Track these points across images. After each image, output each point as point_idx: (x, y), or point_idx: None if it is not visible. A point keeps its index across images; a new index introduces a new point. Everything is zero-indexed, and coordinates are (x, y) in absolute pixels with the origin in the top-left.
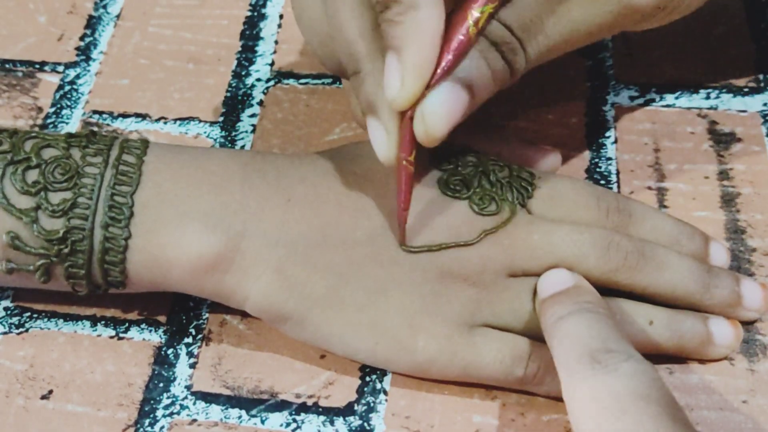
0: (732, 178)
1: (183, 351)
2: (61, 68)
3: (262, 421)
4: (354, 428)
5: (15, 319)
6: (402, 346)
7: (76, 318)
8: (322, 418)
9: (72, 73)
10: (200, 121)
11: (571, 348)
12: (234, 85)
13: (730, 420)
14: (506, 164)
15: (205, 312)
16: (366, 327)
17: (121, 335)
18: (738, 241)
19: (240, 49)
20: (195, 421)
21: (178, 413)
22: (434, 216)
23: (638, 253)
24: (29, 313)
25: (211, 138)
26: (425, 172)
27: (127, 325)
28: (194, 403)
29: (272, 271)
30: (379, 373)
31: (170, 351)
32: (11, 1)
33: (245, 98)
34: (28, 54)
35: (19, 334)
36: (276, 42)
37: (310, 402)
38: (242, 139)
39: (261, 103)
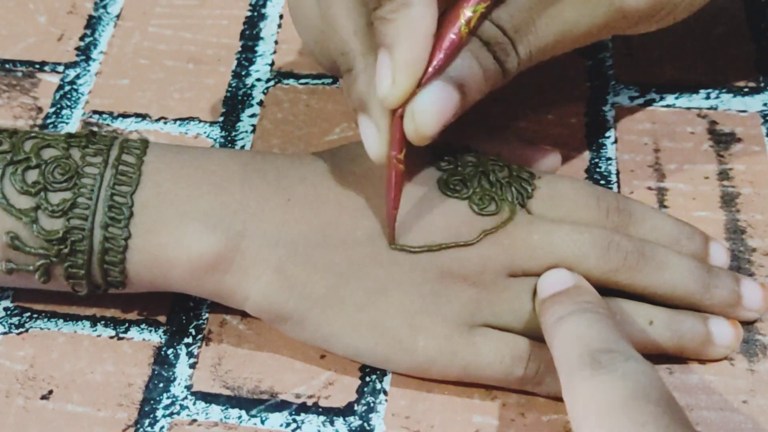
0: (732, 178)
1: (183, 351)
2: (61, 68)
3: (262, 422)
4: (354, 428)
5: (15, 319)
6: (402, 346)
7: (76, 318)
8: (322, 418)
9: (72, 73)
10: (200, 121)
11: (571, 348)
12: (234, 85)
13: (730, 420)
14: (506, 164)
15: (205, 312)
16: (366, 327)
17: (121, 335)
18: (738, 241)
19: (240, 49)
20: (195, 421)
21: (178, 413)
22: (434, 216)
23: (638, 253)
24: (29, 313)
25: (211, 138)
26: (425, 171)
27: (127, 325)
28: (194, 404)
29: (272, 271)
30: (379, 373)
31: (170, 351)
32: (11, 1)
33: (245, 98)
34: (28, 54)
35: (19, 334)
36: (276, 42)
37: (310, 402)
38: (242, 139)
39: (261, 103)
